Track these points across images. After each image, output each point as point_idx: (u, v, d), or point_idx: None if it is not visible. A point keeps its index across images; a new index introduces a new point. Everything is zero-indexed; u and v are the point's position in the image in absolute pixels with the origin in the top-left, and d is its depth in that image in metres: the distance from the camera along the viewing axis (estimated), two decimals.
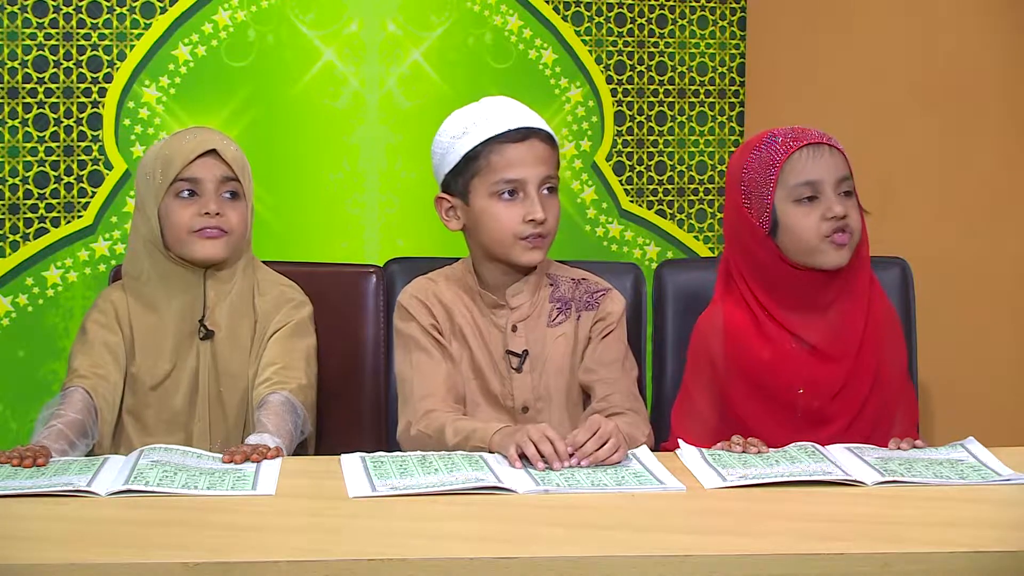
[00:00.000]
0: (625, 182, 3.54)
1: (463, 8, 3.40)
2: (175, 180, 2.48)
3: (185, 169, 2.48)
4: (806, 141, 2.41)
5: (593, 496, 2.01)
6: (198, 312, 2.53)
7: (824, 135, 2.42)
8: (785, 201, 2.41)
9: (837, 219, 2.38)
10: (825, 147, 2.41)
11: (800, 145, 2.40)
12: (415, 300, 2.48)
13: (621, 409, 2.40)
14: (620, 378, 2.46)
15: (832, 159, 2.41)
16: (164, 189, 2.49)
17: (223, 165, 2.51)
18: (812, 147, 2.41)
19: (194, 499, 1.98)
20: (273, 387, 2.45)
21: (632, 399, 2.45)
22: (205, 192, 2.49)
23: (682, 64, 3.55)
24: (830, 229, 2.39)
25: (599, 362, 2.47)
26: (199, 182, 2.49)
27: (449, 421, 2.31)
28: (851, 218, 2.40)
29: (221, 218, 2.49)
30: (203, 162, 2.49)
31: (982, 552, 1.77)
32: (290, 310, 2.57)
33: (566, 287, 2.51)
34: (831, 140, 2.42)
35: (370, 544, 1.79)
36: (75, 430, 2.37)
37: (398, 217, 3.40)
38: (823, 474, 2.08)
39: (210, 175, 2.50)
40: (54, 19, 3.21)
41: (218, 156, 2.50)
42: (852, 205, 2.41)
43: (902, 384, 2.50)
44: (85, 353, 2.51)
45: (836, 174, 2.40)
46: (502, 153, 2.40)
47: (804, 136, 2.42)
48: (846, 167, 2.42)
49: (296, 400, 2.45)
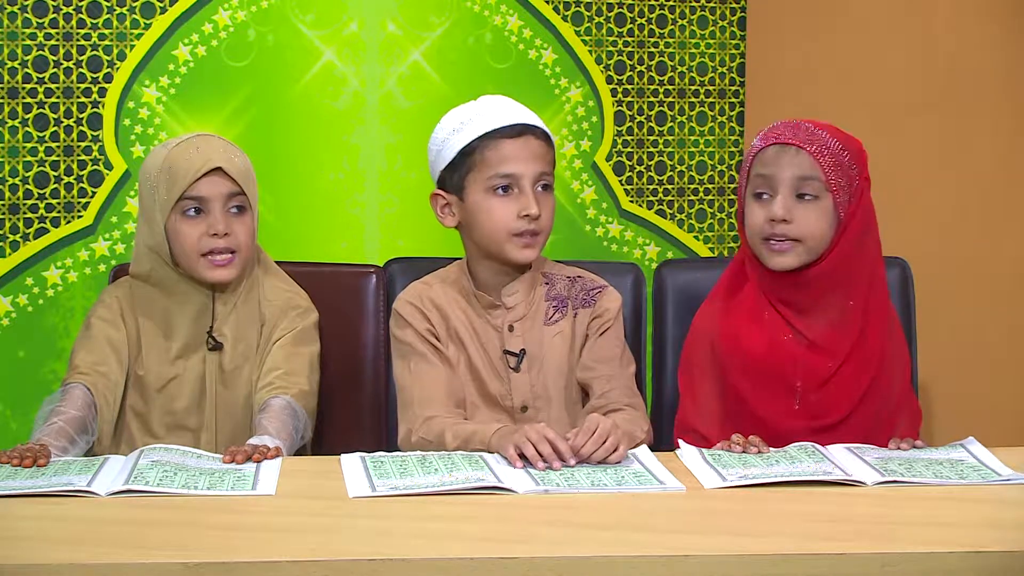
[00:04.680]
0: (625, 182, 3.54)
1: (463, 8, 3.40)
2: (181, 198, 2.46)
3: (191, 187, 2.45)
4: (774, 140, 2.40)
5: (593, 496, 2.01)
6: (206, 323, 2.52)
7: (798, 136, 2.39)
8: (749, 194, 2.42)
9: (776, 222, 2.37)
10: (792, 148, 2.39)
11: (769, 143, 2.40)
12: (410, 306, 2.48)
13: (620, 405, 2.40)
14: (618, 374, 2.46)
15: (793, 161, 2.38)
16: (170, 206, 2.46)
17: (228, 181, 2.47)
18: (777, 147, 2.40)
19: (194, 499, 1.98)
20: (275, 391, 2.45)
21: (630, 394, 2.45)
22: (212, 211, 2.46)
23: (682, 64, 3.55)
24: (770, 232, 2.39)
25: (597, 359, 2.47)
26: (205, 200, 2.46)
27: (449, 426, 2.31)
28: (796, 224, 2.37)
29: (230, 238, 2.47)
30: (209, 180, 2.46)
31: (982, 552, 1.77)
32: (295, 317, 2.56)
33: (562, 285, 2.51)
34: (802, 141, 2.38)
35: (370, 544, 1.79)
36: (75, 427, 2.37)
37: (398, 217, 3.40)
38: (823, 474, 2.08)
39: (216, 192, 2.46)
40: (54, 19, 3.21)
41: (223, 173, 2.47)
42: (804, 208, 2.37)
43: (905, 388, 2.49)
44: (87, 349, 2.51)
45: (794, 175, 2.38)
46: (497, 148, 2.40)
47: (773, 133, 2.41)
48: (812, 169, 2.37)
49: (297, 405, 2.45)
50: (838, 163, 2.38)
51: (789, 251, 2.39)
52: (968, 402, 3.36)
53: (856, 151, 2.41)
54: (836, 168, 2.38)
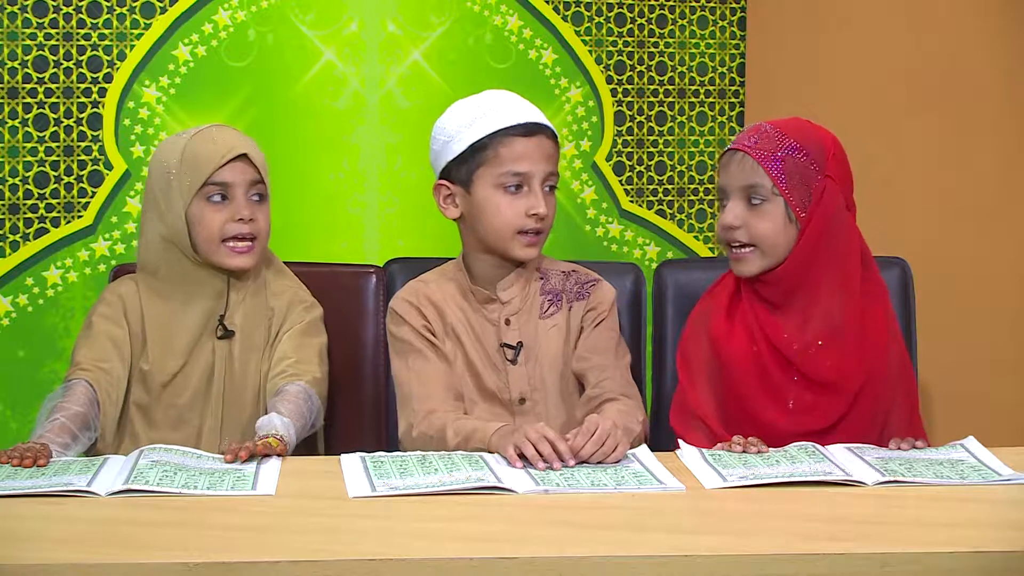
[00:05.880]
0: (625, 182, 3.54)
1: (463, 8, 3.40)
2: (205, 183, 2.47)
3: (216, 173, 2.47)
4: (729, 147, 2.44)
5: (593, 496, 2.01)
6: (218, 312, 2.53)
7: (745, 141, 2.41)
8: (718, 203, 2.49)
9: (729, 229, 2.41)
10: (738, 154, 2.41)
11: (725, 149, 2.45)
12: (405, 303, 2.49)
13: (615, 395, 2.41)
14: (613, 364, 2.47)
15: (738, 168, 2.41)
16: (193, 191, 2.47)
17: (252, 168, 2.50)
18: (728, 153, 2.44)
19: (194, 499, 1.98)
20: (289, 378, 2.47)
21: (626, 384, 2.46)
22: (236, 197, 2.49)
23: (682, 64, 3.55)
24: (725, 238, 2.43)
25: (592, 349, 2.48)
26: (230, 186, 2.48)
27: (450, 421, 2.32)
28: (747, 229, 2.40)
29: (253, 223, 2.49)
30: (233, 166, 2.48)
31: (982, 552, 1.77)
32: (302, 311, 2.58)
33: (556, 279, 2.53)
34: (748, 147, 2.40)
35: (370, 544, 1.79)
36: (78, 423, 2.37)
37: (398, 217, 3.40)
38: (823, 474, 2.08)
39: (240, 179, 2.49)
40: (54, 19, 3.21)
41: (247, 160, 2.50)
42: (755, 213, 2.40)
43: (900, 374, 2.48)
44: (89, 346, 2.51)
45: (740, 181, 2.41)
46: (511, 146, 2.42)
47: (736, 139, 2.44)
48: (756, 174, 2.39)
49: (312, 391, 2.46)
50: (789, 165, 2.38)
51: (747, 257, 2.42)
52: (968, 402, 3.35)
53: (817, 150, 2.40)
54: (785, 170, 2.38)
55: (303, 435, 2.39)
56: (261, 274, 2.58)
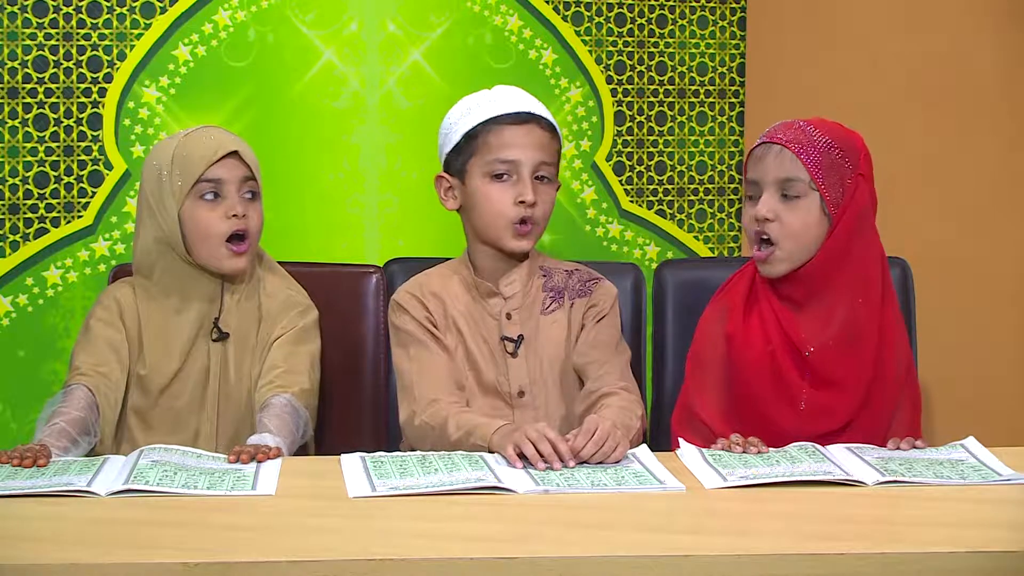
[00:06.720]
0: (625, 182, 3.54)
1: (463, 8, 3.40)
2: (198, 181, 2.48)
3: (208, 170, 2.48)
4: (762, 140, 2.42)
5: (593, 496, 2.01)
6: (212, 314, 2.53)
7: (783, 135, 2.39)
8: (745, 198, 2.46)
9: (760, 221, 2.39)
10: (775, 147, 2.40)
11: (758, 144, 2.43)
12: (408, 295, 2.51)
13: (614, 389, 2.41)
14: (613, 360, 2.48)
15: (775, 160, 2.39)
16: (186, 191, 2.48)
17: (243, 166, 2.51)
18: (763, 146, 2.41)
19: (194, 499, 1.98)
20: (276, 390, 2.46)
21: (625, 378, 2.47)
22: (228, 194, 2.49)
23: (682, 64, 3.55)
24: (755, 230, 2.41)
25: (592, 345, 2.49)
26: (222, 183, 2.49)
27: (452, 414, 2.33)
28: (780, 223, 2.38)
29: (246, 219, 2.50)
30: (225, 163, 2.49)
31: (982, 552, 1.77)
32: (296, 315, 2.57)
33: (559, 277, 2.55)
34: (786, 140, 2.38)
35: (370, 544, 1.79)
36: (77, 428, 2.37)
37: (398, 217, 3.39)
38: (823, 474, 2.08)
39: (232, 176, 2.50)
40: (54, 19, 3.21)
41: (238, 157, 2.50)
42: (789, 208, 2.38)
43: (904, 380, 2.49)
44: (87, 351, 2.51)
45: (777, 174, 2.39)
46: (500, 134, 2.43)
47: (765, 133, 2.42)
48: (794, 167, 2.38)
49: (298, 403, 2.45)
50: (824, 160, 2.38)
51: (770, 259, 2.40)
52: (968, 402, 3.35)
53: (850, 148, 2.40)
54: (822, 166, 2.37)
55: (293, 450, 2.39)
56: (255, 274, 2.58)
